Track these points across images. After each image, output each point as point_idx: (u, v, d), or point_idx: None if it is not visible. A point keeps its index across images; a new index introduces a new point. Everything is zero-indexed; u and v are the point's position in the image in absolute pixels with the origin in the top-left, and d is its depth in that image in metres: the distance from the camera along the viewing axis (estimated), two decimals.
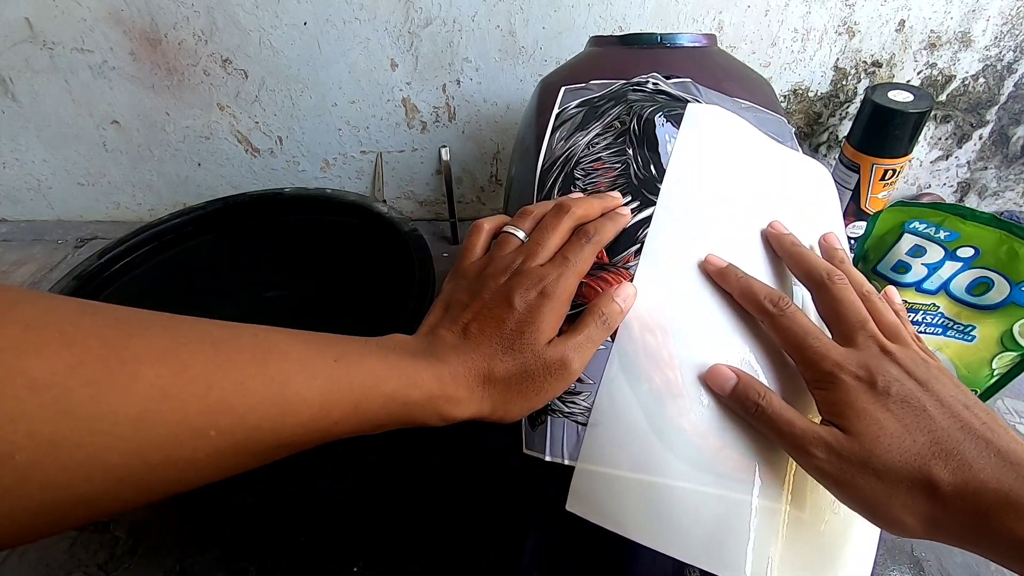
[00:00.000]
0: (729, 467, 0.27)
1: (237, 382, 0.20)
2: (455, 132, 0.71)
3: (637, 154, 0.35)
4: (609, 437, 0.28)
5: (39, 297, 0.18)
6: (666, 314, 0.30)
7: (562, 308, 0.29)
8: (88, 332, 0.18)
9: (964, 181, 0.74)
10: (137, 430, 0.18)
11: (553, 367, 0.27)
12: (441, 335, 0.28)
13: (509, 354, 0.27)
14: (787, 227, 0.33)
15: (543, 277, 0.28)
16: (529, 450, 0.31)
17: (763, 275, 0.31)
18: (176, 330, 0.21)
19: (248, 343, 0.22)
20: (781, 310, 0.28)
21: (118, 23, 0.62)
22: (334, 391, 0.23)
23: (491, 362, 0.27)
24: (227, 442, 0.20)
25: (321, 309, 0.56)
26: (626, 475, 0.27)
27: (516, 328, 0.27)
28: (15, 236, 0.76)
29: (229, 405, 0.20)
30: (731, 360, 0.29)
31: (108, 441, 0.17)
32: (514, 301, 0.27)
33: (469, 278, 0.30)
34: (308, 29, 0.63)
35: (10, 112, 0.69)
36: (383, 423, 0.25)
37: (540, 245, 0.30)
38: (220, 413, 0.20)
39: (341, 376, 0.23)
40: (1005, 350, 0.41)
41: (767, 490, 0.27)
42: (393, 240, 0.50)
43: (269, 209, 0.56)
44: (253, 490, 0.42)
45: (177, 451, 0.19)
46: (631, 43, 0.45)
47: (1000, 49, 0.64)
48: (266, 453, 0.22)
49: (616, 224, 0.31)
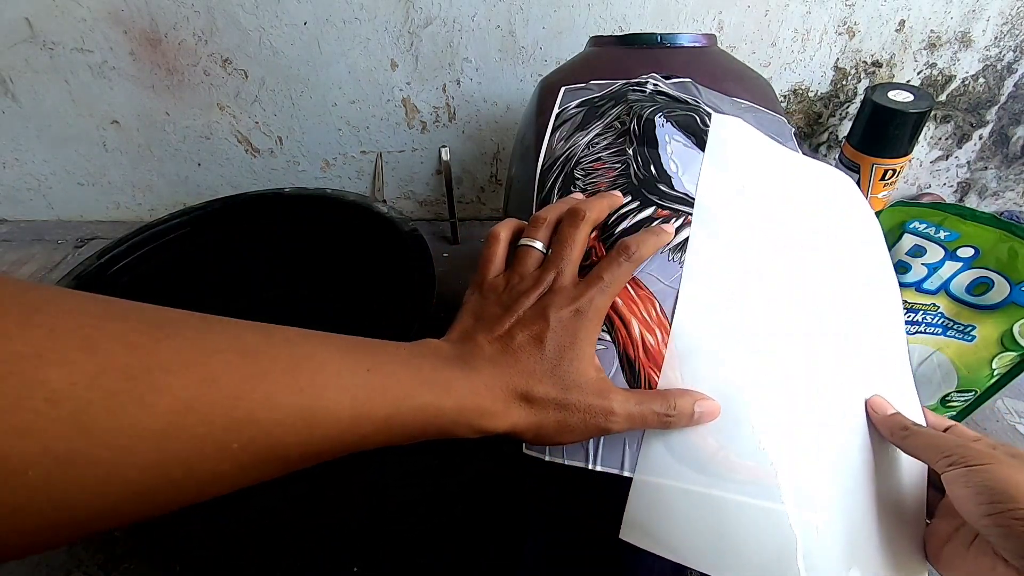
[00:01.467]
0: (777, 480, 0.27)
1: (266, 395, 0.20)
2: (455, 132, 0.71)
3: (637, 154, 0.35)
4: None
5: (65, 297, 0.17)
6: (712, 336, 0.29)
7: (597, 327, 0.28)
8: (114, 337, 0.17)
9: (964, 181, 0.74)
10: (158, 446, 0.17)
11: (594, 411, 0.27)
12: (479, 342, 0.27)
13: (550, 379, 0.26)
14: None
15: (578, 296, 0.28)
16: (529, 450, 0.31)
17: (807, 299, 0.31)
18: (206, 335, 0.20)
19: (281, 352, 0.21)
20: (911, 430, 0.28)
21: (118, 23, 0.62)
22: (365, 403, 0.22)
23: (530, 381, 0.26)
24: (251, 456, 0.20)
25: (321, 309, 0.56)
26: (686, 488, 0.27)
27: (557, 350, 0.27)
28: (15, 236, 0.76)
29: (256, 418, 0.19)
30: (777, 379, 0.29)
31: (126, 457, 0.17)
32: (550, 318, 0.27)
33: (498, 291, 0.30)
34: (308, 29, 0.63)
35: (10, 112, 0.69)
36: (415, 434, 0.24)
37: (565, 260, 0.29)
38: (246, 426, 0.19)
39: (374, 387, 0.23)
40: (1005, 350, 0.41)
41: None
42: (393, 240, 0.50)
43: (269, 209, 0.56)
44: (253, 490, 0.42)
45: (200, 465, 0.18)
46: (631, 43, 0.45)
47: (1000, 49, 0.64)
48: (290, 466, 0.21)
49: (659, 240, 0.31)
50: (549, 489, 0.31)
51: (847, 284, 0.33)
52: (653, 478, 0.28)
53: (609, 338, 0.30)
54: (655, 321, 0.30)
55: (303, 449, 0.21)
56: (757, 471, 0.27)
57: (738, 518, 0.26)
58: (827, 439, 0.29)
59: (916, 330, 0.43)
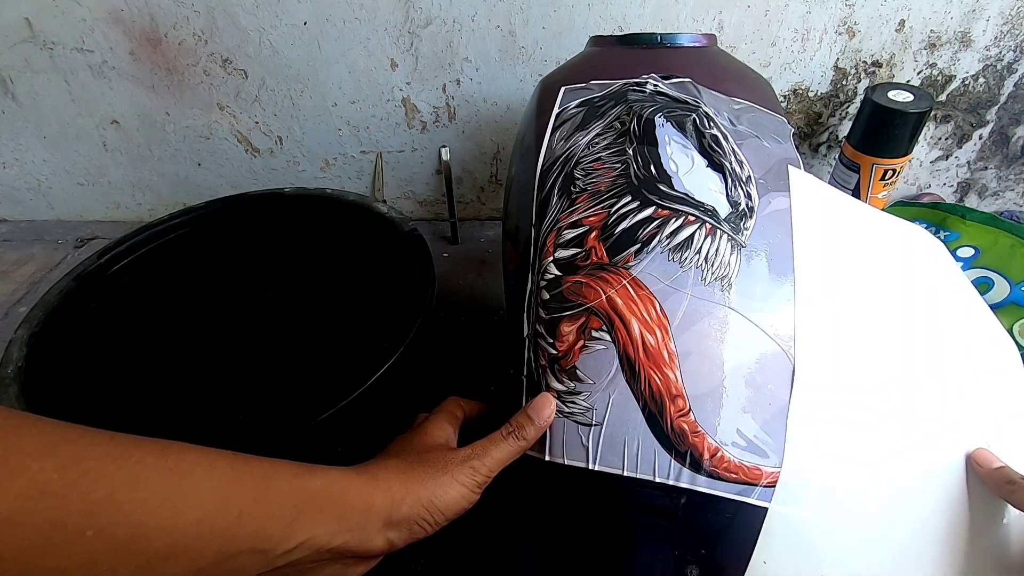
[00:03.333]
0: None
1: (130, 474, 0.19)
2: (455, 132, 0.71)
3: (637, 154, 0.35)
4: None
5: None
6: (829, 402, 0.30)
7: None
8: None
9: (964, 181, 0.74)
10: (2, 533, 0.16)
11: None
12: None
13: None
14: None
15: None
16: (529, 450, 0.31)
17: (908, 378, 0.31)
18: (77, 428, 0.19)
19: (149, 441, 0.20)
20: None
21: (118, 23, 0.62)
22: (235, 482, 0.21)
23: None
24: (104, 546, 0.18)
25: (321, 309, 0.56)
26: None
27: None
28: (15, 236, 0.76)
29: (117, 500, 0.18)
30: (892, 440, 0.29)
31: None
32: None
33: None
34: (308, 29, 0.63)
35: (10, 112, 0.69)
36: (294, 518, 0.23)
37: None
38: (105, 510, 0.18)
39: (241, 466, 0.22)
40: None
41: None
42: (393, 240, 0.50)
43: (269, 209, 0.56)
44: None
45: (39, 559, 0.17)
46: (631, 43, 0.45)
47: (1000, 49, 0.64)
48: (150, 564, 0.19)
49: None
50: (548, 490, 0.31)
51: (945, 347, 0.33)
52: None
53: (609, 338, 0.30)
54: (655, 321, 0.30)
55: (167, 538, 0.19)
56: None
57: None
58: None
59: None
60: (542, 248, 0.34)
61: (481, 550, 0.38)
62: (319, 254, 0.57)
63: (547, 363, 0.32)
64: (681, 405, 0.29)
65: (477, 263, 0.70)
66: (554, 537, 0.31)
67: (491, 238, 0.74)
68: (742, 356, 0.30)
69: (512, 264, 0.39)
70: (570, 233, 0.34)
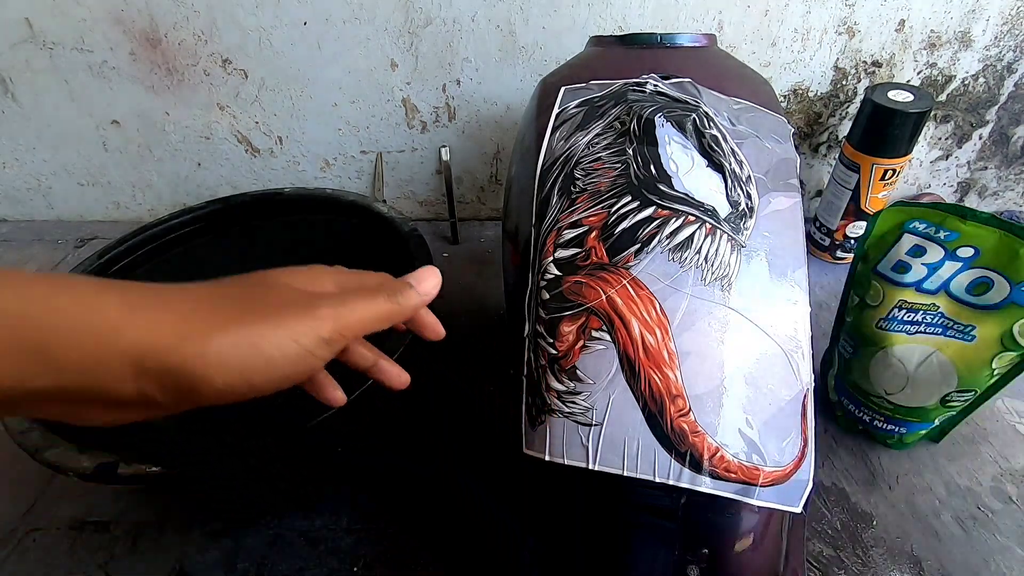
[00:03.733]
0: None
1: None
2: (455, 132, 0.71)
3: (637, 154, 0.35)
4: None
5: None
6: None
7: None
8: None
9: (964, 181, 0.74)
10: None
11: None
12: None
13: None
14: None
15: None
16: (529, 450, 0.31)
17: None
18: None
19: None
20: None
21: (118, 23, 0.62)
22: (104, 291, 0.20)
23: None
24: None
25: None
26: None
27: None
28: (15, 236, 0.76)
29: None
30: None
31: None
32: None
33: None
34: (308, 29, 0.63)
35: (10, 112, 0.69)
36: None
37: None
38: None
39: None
40: (1005, 350, 0.41)
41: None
42: (393, 240, 0.50)
43: (269, 209, 0.56)
44: (253, 490, 0.42)
45: None
46: (631, 43, 0.45)
47: (1000, 49, 0.64)
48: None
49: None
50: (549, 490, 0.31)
51: None
52: None
53: (609, 338, 0.30)
54: (655, 321, 0.30)
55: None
56: None
57: None
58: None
59: (916, 330, 0.43)
60: (542, 248, 0.34)
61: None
62: (319, 254, 0.57)
63: (547, 363, 0.32)
64: (681, 405, 0.29)
65: (477, 263, 0.70)
66: (554, 537, 0.31)
67: (491, 238, 0.74)
68: (742, 356, 0.30)
69: (512, 264, 0.39)
70: (570, 233, 0.34)
